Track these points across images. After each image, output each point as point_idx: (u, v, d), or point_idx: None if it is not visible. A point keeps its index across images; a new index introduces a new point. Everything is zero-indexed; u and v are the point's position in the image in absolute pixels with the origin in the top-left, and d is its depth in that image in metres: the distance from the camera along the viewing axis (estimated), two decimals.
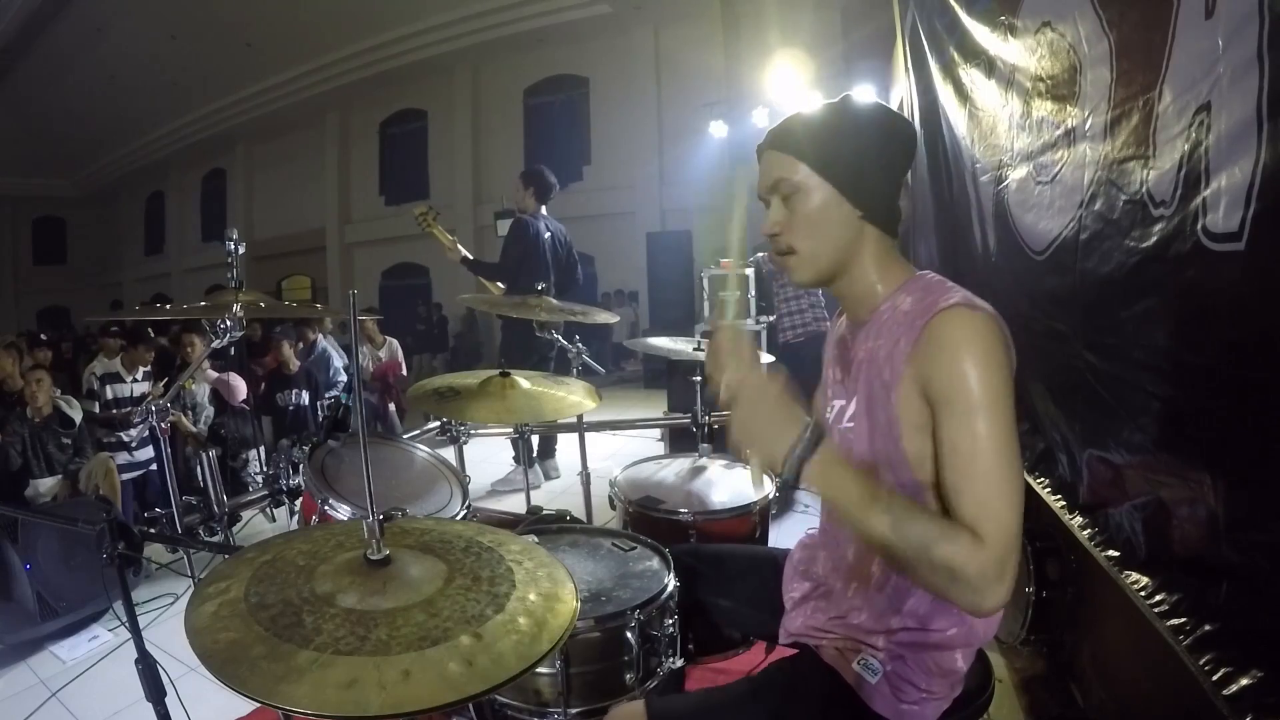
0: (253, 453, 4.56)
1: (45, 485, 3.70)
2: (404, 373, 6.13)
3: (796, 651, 1.12)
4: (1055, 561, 1.95)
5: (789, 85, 6.84)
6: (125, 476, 3.94)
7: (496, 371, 1.90)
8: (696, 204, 9.50)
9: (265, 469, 4.49)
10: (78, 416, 3.89)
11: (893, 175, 0.98)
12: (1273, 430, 0.82)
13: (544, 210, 3.93)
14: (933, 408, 0.86)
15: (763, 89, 7.24)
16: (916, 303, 0.92)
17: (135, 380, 4.36)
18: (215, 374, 4.61)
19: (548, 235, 3.87)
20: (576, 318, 2.32)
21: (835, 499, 0.84)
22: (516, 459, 4.09)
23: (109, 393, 4.29)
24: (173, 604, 2.67)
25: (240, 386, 4.63)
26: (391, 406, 5.87)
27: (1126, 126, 1.15)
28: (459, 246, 3.60)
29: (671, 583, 1.25)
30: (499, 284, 3.73)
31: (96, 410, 4.21)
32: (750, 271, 5.12)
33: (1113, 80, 1.20)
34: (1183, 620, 1.00)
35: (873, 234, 0.98)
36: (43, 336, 4.63)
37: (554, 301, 2.37)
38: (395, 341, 6.39)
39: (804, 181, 0.96)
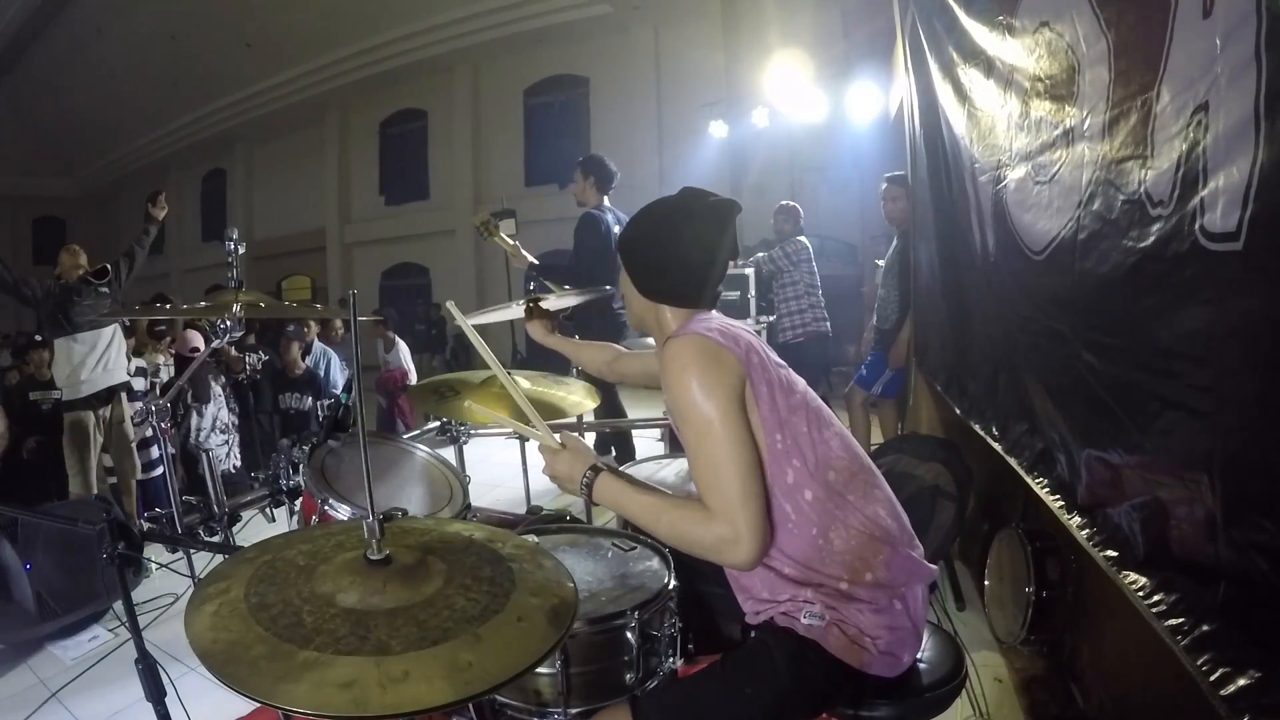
0: (205, 423, 4.50)
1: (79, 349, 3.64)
2: (410, 380, 6.12)
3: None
4: (1055, 561, 1.95)
5: (789, 85, 6.84)
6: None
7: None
8: None
9: (219, 436, 4.46)
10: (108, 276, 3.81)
11: (675, 269, 1.21)
12: (1269, 430, 0.82)
13: (606, 201, 3.71)
14: None
15: (763, 89, 7.25)
16: None
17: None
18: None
19: (616, 229, 3.62)
20: (569, 296, 2.29)
21: (618, 510, 1.13)
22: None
23: None
24: (173, 604, 2.67)
25: (194, 336, 4.62)
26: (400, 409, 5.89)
27: (1124, 126, 1.15)
28: (523, 252, 3.38)
29: (671, 583, 1.25)
30: (565, 285, 3.31)
31: None
32: (750, 271, 5.12)
33: (1111, 80, 1.20)
34: (1180, 620, 1.00)
35: (662, 309, 1.23)
36: (38, 338, 4.61)
37: (552, 300, 2.37)
38: (403, 345, 6.38)
39: (621, 264, 1.28)
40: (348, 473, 1.72)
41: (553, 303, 2.08)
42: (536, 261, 3.43)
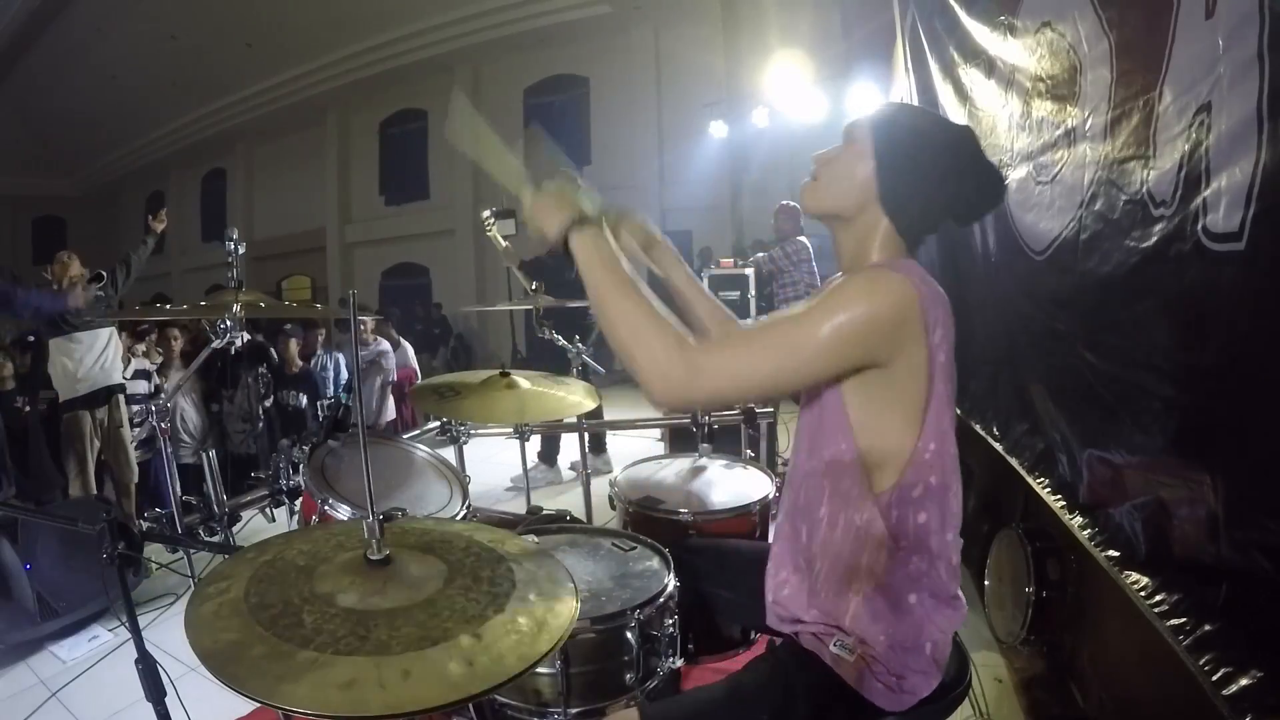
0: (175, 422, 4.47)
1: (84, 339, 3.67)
2: (416, 380, 6.12)
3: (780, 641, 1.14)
4: (1055, 561, 1.95)
5: (789, 85, 6.84)
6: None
7: (496, 371, 1.90)
8: (696, 204, 9.51)
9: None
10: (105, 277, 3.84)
11: (927, 193, 1.03)
12: (1272, 430, 0.82)
13: None
14: None
15: (763, 89, 7.24)
16: None
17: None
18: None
19: None
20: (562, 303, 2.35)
21: (587, 266, 0.95)
22: (543, 457, 4.15)
23: None
24: (173, 604, 2.66)
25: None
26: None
27: (1127, 126, 1.15)
28: (511, 250, 3.57)
29: (671, 583, 1.25)
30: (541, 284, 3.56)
31: None
32: (750, 271, 5.12)
33: (1113, 80, 1.20)
34: (1183, 620, 0.99)
35: (882, 221, 1.03)
36: (30, 339, 4.61)
37: (548, 296, 2.38)
38: (407, 345, 6.39)
39: (861, 141, 1.05)
40: (348, 473, 1.71)
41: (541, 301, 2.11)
42: (524, 259, 3.53)
